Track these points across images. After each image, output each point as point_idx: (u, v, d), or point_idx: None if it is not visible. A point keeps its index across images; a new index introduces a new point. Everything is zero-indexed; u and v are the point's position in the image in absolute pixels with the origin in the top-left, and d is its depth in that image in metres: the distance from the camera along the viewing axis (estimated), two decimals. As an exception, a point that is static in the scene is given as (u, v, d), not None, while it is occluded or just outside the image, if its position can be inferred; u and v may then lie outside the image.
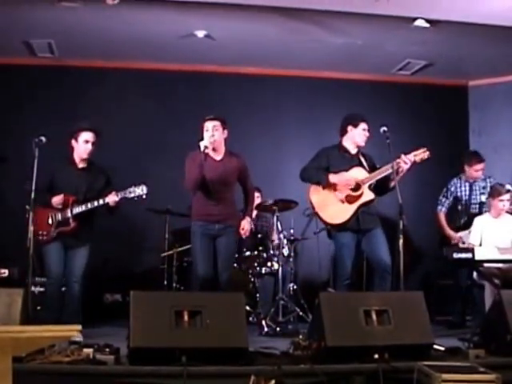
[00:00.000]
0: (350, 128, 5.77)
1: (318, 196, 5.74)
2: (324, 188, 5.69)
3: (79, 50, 7.11)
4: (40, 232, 5.46)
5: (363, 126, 5.75)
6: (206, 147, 5.28)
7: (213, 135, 5.34)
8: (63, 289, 5.80)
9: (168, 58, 7.41)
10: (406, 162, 5.49)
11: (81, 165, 5.76)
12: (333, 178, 5.63)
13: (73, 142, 5.71)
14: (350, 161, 5.70)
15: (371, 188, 5.65)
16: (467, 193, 6.90)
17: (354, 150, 5.79)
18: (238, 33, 6.63)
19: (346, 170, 5.63)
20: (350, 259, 5.65)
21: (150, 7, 5.85)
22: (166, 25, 6.36)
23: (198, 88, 7.66)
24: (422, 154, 5.59)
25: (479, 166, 6.87)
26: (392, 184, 5.56)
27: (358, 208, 5.59)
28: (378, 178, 5.61)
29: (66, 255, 5.66)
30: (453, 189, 6.94)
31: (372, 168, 5.71)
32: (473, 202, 6.88)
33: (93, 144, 5.71)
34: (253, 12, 5.93)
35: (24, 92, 7.32)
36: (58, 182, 5.60)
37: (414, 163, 5.56)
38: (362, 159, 5.75)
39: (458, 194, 6.93)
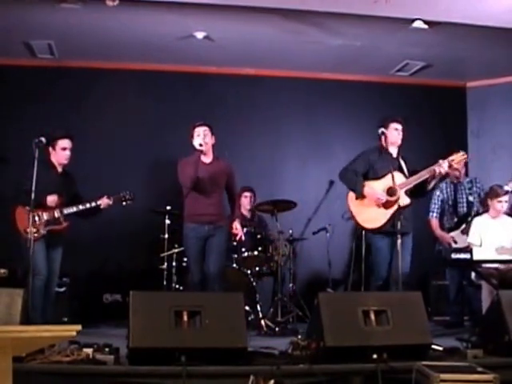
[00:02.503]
0: (382, 130, 5.83)
1: (355, 200, 5.83)
2: (357, 197, 5.79)
3: (79, 51, 7.12)
4: (27, 230, 5.37)
5: (394, 125, 5.85)
6: (200, 145, 5.56)
7: (204, 138, 5.63)
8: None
9: (167, 59, 7.42)
10: (443, 167, 5.60)
11: (59, 169, 5.91)
12: (366, 190, 5.71)
13: (50, 148, 5.81)
14: (391, 163, 5.71)
15: (408, 192, 5.69)
16: (452, 193, 6.95)
17: (394, 152, 5.86)
18: (237, 34, 6.65)
19: (384, 175, 5.66)
20: (385, 262, 5.72)
21: (149, 9, 5.86)
22: (166, 26, 6.38)
23: (197, 89, 7.67)
24: (459, 159, 5.68)
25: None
26: (429, 187, 5.72)
27: (394, 213, 5.61)
28: (414, 184, 5.68)
29: (47, 254, 5.73)
30: (438, 192, 6.96)
31: (411, 171, 5.76)
32: (459, 201, 6.92)
33: (70, 150, 5.85)
34: (252, 13, 5.94)
35: (24, 93, 7.33)
36: (40, 184, 5.33)
37: (451, 167, 5.69)
38: (402, 162, 5.82)
39: (444, 195, 6.97)
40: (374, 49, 7.01)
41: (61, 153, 5.82)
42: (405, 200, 5.64)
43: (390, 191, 5.64)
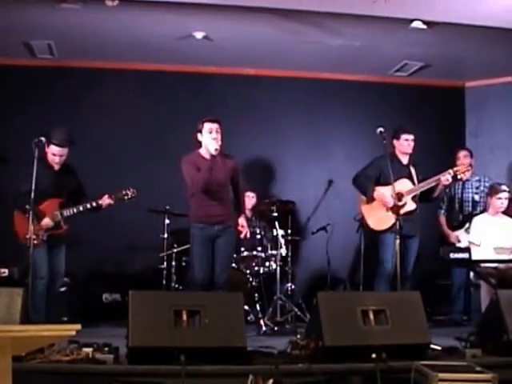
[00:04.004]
0: (395, 141, 6.26)
1: (365, 204, 6.31)
2: (367, 201, 6.27)
3: (79, 52, 7.12)
4: (27, 236, 5.27)
5: (405, 136, 6.26)
6: (216, 149, 5.39)
7: (217, 138, 5.47)
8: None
9: (167, 59, 7.43)
10: (448, 179, 6.01)
11: (56, 167, 5.84)
12: (376, 193, 6.19)
13: (46, 147, 5.73)
14: (401, 171, 6.10)
15: (416, 198, 6.12)
16: (459, 191, 7.02)
17: (405, 160, 6.26)
18: (236, 34, 6.65)
19: (394, 181, 5.89)
20: (393, 258, 5.96)
21: (148, 9, 5.85)
22: (165, 26, 6.38)
23: (196, 89, 7.67)
24: (464, 169, 6.13)
25: (462, 153, 7.01)
26: (435, 194, 6.18)
27: (400, 217, 5.94)
28: (420, 190, 6.12)
29: (49, 255, 5.72)
30: (447, 190, 7.05)
31: (421, 178, 6.16)
32: (465, 199, 7.01)
33: (61, 156, 5.78)
34: (251, 13, 5.94)
35: (24, 93, 7.33)
36: (37, 184, 5.34)
37: (455, 177, 6.10)
38: (413, 170, 6.22)
39: (452, 193, 7.07)
40: (373, 49, 7.02)
41: (51, 156, 5.78)
42: (410, 206, 6.05)
43: (398, 197, 6.01)
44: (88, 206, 5.76)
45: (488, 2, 5.62)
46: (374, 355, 4.21)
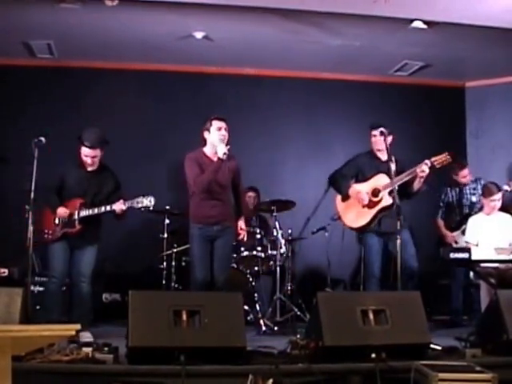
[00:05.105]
0: (371, 137, 6.11)
1: (341, 202, 6.19)
2: (343, 198, 6.13)
3: (78, 51, 7.13)
4: (46, 230, 5.52)
5: (373, 132, 6.04)
6: (224, 153, 5.35)
7: (225, 136, 5.47)
8: (64, 288, 5.88)
9: (167, 59, 7.43)
10: (424, 168, 5.73)
11: (90, 168, 5.73)
12: (351, 191, 6.05)
13: (79, 148, 5.66)
14: (379, 167, 5.96)
15: (395, 193, 5.71)
16: (457, 196, 7.09)
17: (383, 157, 5.99)
18: (237, 34, 6.66)
19: (371, 177, 5.91)
20: (377, 260, 5.93)
21: (148, 9, 5.86)
22: (165, 26, 6.39)
23: (196, 89, 7.68)
24: (442, 160, 5.82)
25: (464, 172, 7.03)
26: (415, 188, 5.87)
27: (377, 213, 5.91)
28: (398, 184, 5.76)
29: (72, 255, 5.69)
30: (443, 196, 7.16)
31: (400, 173, 5.89)
32: (464, 203, 7.07)
33: (94, 157, 5.65)
34: (251, 13, 5.95)
35: (23, 93, 7.34)
36: (68, 183, 5.62)
37: (433, 168, 5.81)
38: (392, 165, 5.87)
39: (450, 199, 7.14)
40: (374, 49, 7.02)
41: (83, 158, 5.66)
42: (387, 201, 5.85)
43: (375, 192, 5.93)
44: (102, 208, 5.60)
45: (488, 2, 5.62)
46: (373, 355, 4.21)
